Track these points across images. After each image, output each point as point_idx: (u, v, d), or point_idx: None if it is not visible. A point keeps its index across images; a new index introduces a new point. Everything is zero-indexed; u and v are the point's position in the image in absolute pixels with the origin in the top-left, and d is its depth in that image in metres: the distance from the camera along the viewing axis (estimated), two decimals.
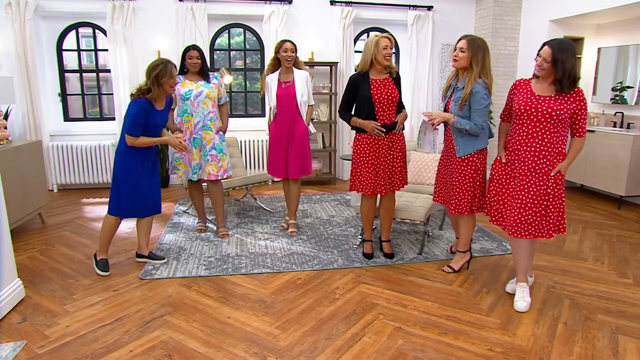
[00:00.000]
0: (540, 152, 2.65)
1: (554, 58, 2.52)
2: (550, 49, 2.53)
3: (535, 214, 2.68)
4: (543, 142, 2.64)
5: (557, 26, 5.80)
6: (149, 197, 3.27)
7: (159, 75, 3.00)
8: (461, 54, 2.97)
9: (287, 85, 3.85)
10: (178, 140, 3.23)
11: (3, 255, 2.71)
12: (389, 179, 3.33)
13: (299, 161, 3.91)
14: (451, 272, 3.31)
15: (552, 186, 2.67)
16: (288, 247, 3.80)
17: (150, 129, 3.12)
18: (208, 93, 3.74)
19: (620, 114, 5.42)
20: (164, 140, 3.20)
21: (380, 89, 3.22)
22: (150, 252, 3.52)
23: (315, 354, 2.31)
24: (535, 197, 2.66)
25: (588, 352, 2.36)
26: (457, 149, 3.07)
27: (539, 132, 2.64)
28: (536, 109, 2.62)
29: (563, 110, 2.58)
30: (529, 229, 2.69)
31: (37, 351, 2.32)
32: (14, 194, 3.77)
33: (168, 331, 2.52)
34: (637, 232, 4.31)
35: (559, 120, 2.60)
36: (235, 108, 6.56)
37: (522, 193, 2.69)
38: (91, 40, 6.03)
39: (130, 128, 3.04)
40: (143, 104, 3.04)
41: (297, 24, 6.14)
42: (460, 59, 2.97)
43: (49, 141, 5.65)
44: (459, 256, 3.35)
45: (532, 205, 2.67)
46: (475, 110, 2.96)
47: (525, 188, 2.69)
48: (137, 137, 3.06)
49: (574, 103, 2.60)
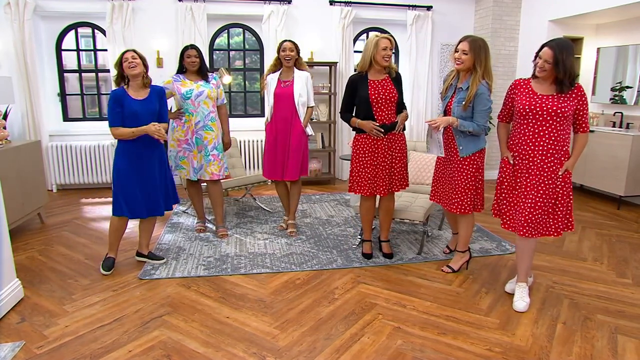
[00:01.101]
0: (548, 150, 2.65)
1: (555, 59, 2.52)
2: (551, 50, 2.53)
3: (544, 213, 2.68)
4: (550, 141, 2.64)
5: (556, 26, 5.80)
6: (144, 198, 3.23)
7: (116, 61, 3.14)
8: (464, 57, 2.97)
9: (285, 85, 3.85)
10: (155, 128, 3.15)
11: (2, 255, 2.71)
12: (388, 180, 3.33)
13: (298, 162, 3.89)
14: (450, 272, 3.31)
15: (561, 185, 2.67)
16: (287, 247, 3.80)
17: (130, 118, 3.10)
18: (209, 93, 3.75)
19: (619, 114, 5.42)
20: (142, 130, 3.13)
21: (378, 90, 3.22)
22: (150, 252, 3.52)
23: (314, 354, 2.31)
24: (545, 196, 2.66)
25: (587, 352, 2.36)
26: (460, 149, 3.06)
27: (545, 131, 2.64)
28: (541, 108, 2.62)
29: (566, 107, 2.59)
30: (538, 228, 2.69)
31: (35, 351, 2.32)
32: (13, 194, 3.77)
33: (167, 331, 2.51)
34: (636, 232, 4.31)
35: (563, 118, 2.61)
36: (235, 108, 6.56)
37: (532, 193, 2.68)
38: (90, 40, 6.03)
39: (109, 118, 3.08)
40: (115, 90, 3.09)
41: (296, 24, 6.13)
42: (464, 62, 2.97)
43: (48, 141, 5.64)
44: (458, 256, 3.35)
45: (542, 204, 2.67)
46: (479, 111, 2.98)
47: (535, 187, 2.68)
48: (117, 127, 3.07)
49: (576, 99, 2.61)
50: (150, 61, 5.84)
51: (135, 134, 3.11)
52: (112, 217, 3.26)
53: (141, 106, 3.13)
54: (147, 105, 3.17)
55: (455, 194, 3.11)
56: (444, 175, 3.25)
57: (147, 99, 3.18)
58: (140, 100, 3.14)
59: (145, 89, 3.19)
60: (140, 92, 3.16)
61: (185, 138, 3.77)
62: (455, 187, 3.11)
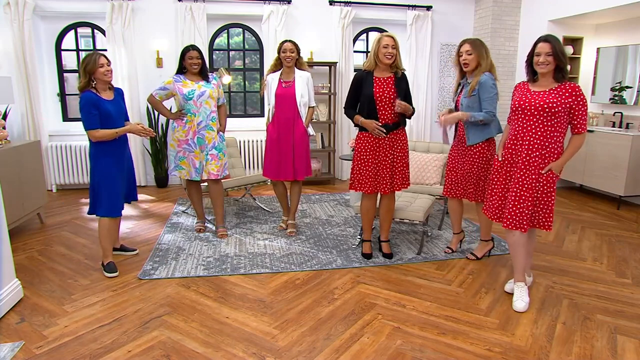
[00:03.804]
0: (533, 145, 2.68)
1: (554, 50, 2.59)
2: (547, 42, 2.61)
3: (528, 207, 2.70)
4: (536, 136, 2.67)
5: (556, 26, 5.80)
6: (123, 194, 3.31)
7: (86, 66, 3.06)
8: (469, 57, 3.24)
9: (287, 85, 3.85)
10: (140, 127, 3.20)
11: (1, 255, 2.70)
12: (389, 179, 3.33)
13: (304, 161, 3.91)
14: (474, 259, 3.51)
15: (543, 183, 2.69)
16: (287, 247, 3.80)
17: (106, 118, 3.10)
18: (211, 93, 3.75)
19: (619, 114, 5.42)
20: (126, 130, 3.17)
21: (383, 88, 3.24)
22: (122, 244, 3.65)
23: (313, 354, 2.31)
24: (527, 189, 2.70)
25: (587, 352, 2.36)
26: (468, 138, 3.31)
27: (532, 126, 2.68)
28: (529, 104, 2.67)
29: (556, 103, 2.60)
30: (522, 221, 2.71)
31: (35, 351, 2.32)
32: (12, 194, 3.77)
33: (166, 331, 2.51)
34: (636, 232, 4.31)
35: (552, 114, 2.62)
36: (235, 108, 6.56)
37: (516, 185, 2.73)
38: (90, 40, 6.04)
39: (86, 122, 3.06)
40: (88, 94, 3.06)
41: (296, 24, 6.13)
42: (470, 62, 3.24)
43: (47, 141, 5.65)
44: (482, 244, 3.55)
45: (525, 197, 2.70)
46: (485, 99, 3.20)
47: (519, 181, 2.72)
48: (97, 130, 3.07)
49: (570, 98, 2.61)
50: (150, 61, 5.87)
51: (118, 134, 3.13)
52: (102, 220, 3.20)
53: (113, 107, 3.16)
54: (117, 105, 3.21)
55: (469, 182, 3.35)
56: (457, 169, 3.44)
57: (115, 100, 3.21)
58: (111, 101, 3.17)
59: (110, 90, 3.22)
60: (108, 94, 3.19)
61: (186, 138, 3.77)
62: (469, 177, 3.34)
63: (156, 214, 4.78)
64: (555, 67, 2.64)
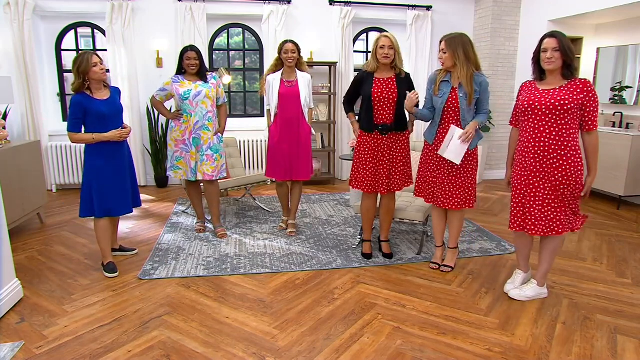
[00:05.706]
0: (550, 147, 2.60)
1: (561, 45, 2.53)
2: (554, 37, 2.55)
3: (555, 209, 2.65)
4: (551, 137, 2.59)
5: (556, 26, 5.80)
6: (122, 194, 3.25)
7: (80, 67, 3.03)
8: (444, 55, 3.06)
9: (290, 85, 3.84)
10: (118, 133, 3.14)
11: (1, 255, 2.70)
12: (388, 179, 3.33)
13: (308, 162, 3.92)
14: (450, 271, 3.32)
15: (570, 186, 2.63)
16: (287, 247, 3.80)
17: (98, 119, 3.07)
18: (207, 93, 3.74)
19: (619, 114, 5.42)
20: (104, 137, 3.09)
21: (382, 88, 3.24)
22: (121, 245, 3.64)
23: (313, 354, 2.31)
24: (551, 192, 2.64)
25: (587, 352, 2.36)
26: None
27: (546, 126, 2.60)
28: (540, 102, 2.60)
29: (568, 100, 2.54)
30: (551, 226, 2.67)
31: (35, 351, 2.32)
32: (12, 194, 3.77)
33: (166, 331, 2.51)
34: (636, 232, 4.31)
35: (565, 112, 2.55)
36: (235, 108, 6.56)
37: (539, 190, 2.67)
38: (90, 40, 6.03)
39: (69, 124, 3.05)
40: (76, 98, 3.04)
41: (296, 24, 6.13)
42: (445, 60, 3.05)
43: (47, 141, 5.65)
44: (451, 253, 3.37)
45: (551, 200, 2.64)
46: (486, 99, 3.11)
47: (541, 185, 2.66)
48: (75, 133, 3.06)
49: (582, 94, 2.55)
50: (150, 61, 5.88)
51: (95, 140, 3.08)
52: (96, 221, 3.20)
53: (107, 106, 3.12)
54: (112, 104, 3.17)
55: (458, 190, 3.11)
56: (435, 173, 3.19)
57: (110, 99, 3.18)
58: (105, 101, 3.13)
59: (106, 89, 3.20)
60: (102, 93, 3.16)
61: (183, 138, 3.77)
62: (457, 183, 3.11)
63: (156, 214, 4.78)
64: (563, 64, 2.57)
